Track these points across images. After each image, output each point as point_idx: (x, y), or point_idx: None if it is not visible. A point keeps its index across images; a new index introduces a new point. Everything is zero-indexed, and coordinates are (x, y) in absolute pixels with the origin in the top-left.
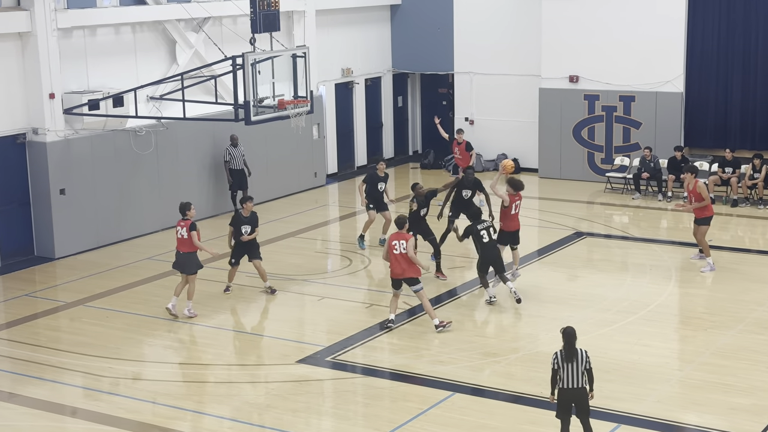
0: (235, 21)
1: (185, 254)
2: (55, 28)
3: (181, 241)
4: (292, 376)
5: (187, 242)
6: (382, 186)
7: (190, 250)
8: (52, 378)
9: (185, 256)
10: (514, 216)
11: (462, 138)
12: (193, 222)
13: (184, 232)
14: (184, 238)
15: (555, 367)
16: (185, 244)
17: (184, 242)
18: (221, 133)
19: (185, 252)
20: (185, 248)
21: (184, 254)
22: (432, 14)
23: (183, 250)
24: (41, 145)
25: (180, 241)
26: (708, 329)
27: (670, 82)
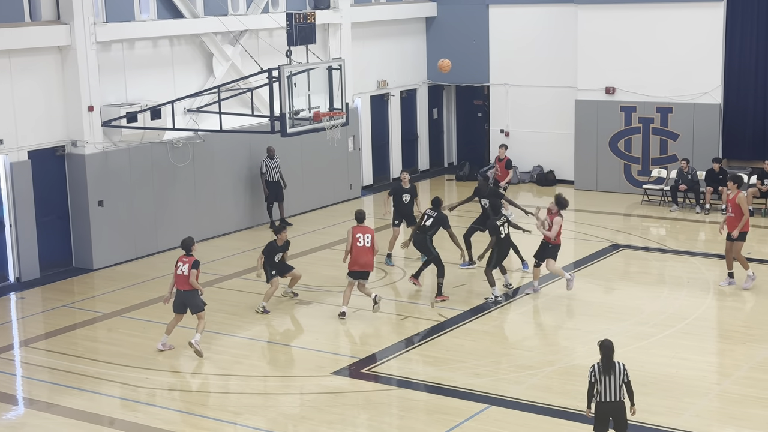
0: (272, 34)
1: (187, 293)
2: (94, 42)
3: (181, 279)
4: (328, 387)
5: (184, 280)
6: (407, 198)
7: (191, 288)
8: (90, 388)
9: (187, 294)
10: (559, 232)
11: (504, 154)
12: (196, 260)
13: (185, 269)
14: (184, 275)
15: (592, 380)
16: (186, 282)
17: (184, 280)
18: (257, 145)
19: (186, 290)
20: (186, 286)
21: (186, 293)
22: (467, 26)
23: (184, 288)
24: (80, 158)
25: (180, 278)
26: (746, 343)
27: (708, 94)
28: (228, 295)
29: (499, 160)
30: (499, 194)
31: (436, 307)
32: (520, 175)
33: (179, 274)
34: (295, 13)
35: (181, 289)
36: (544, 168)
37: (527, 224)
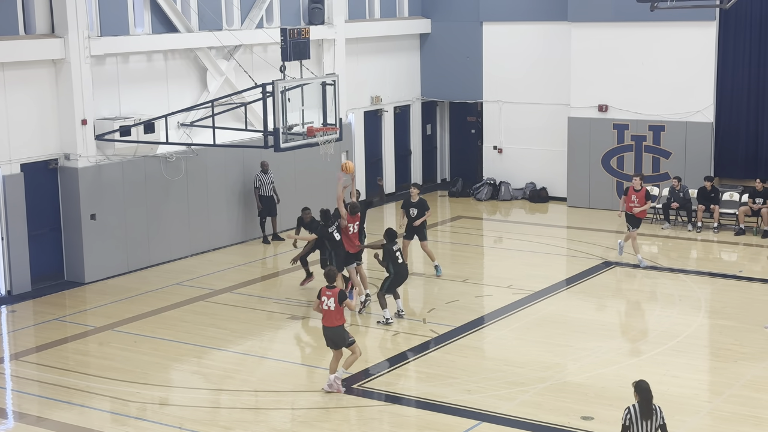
0: (266, 49)
1: (334, 329)
2: (88, 56)
3: (329, 315)
4: (319, 403)
5: (334, 315)
6: (414, 212)
7: (339, 324)
8: (80, 402)
9: (335, 331)
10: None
11: (640, 183)
12: (342, 290)
13: (331, 304)
14: (330, 311)
15: (626, 424)
16: (333, 318)
17: (331, 315)
18: (251, 159)
19: (333, 327)
20: (333, 322)
21: (333, 329)
22: (461, 43)
23: (331, 325)
24: (73, 171)
25: (327, 313)
26: (738, 361)
27: (700, 112)
28: (220, 309)
29: (635, 190)
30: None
31: (428, 323)
32: (513, 192)
33: (325, 309)
34: (289, 29)
35: (328, 325)
36: (536, 185)
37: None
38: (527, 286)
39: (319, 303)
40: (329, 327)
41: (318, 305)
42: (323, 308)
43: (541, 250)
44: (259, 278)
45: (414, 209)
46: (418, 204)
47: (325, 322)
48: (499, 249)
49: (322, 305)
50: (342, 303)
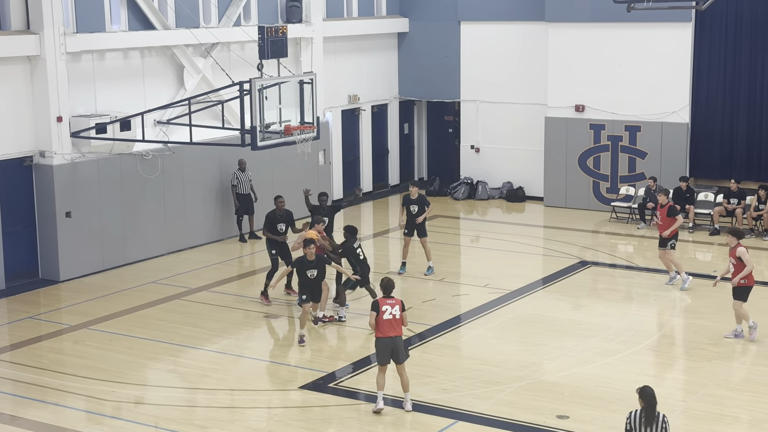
0: (243, 47)
1: (398, 338)
2: (64, 52)
3: (392, 324)
4: (295, 401)
5: (398, 324)
6: (414, 209)
7: (401, 334)
8: (55, 401)
9: (398, 341)
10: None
11: (665, 200)
12: (401, 301)
13: (396, 312)
14: (396, 319)
15: (628, 429)
16: (397, 327)
17: (395, 325)
18: (228, 157)
19: (397, 336)
20: (398, 331)
21: (397, 338)
22: (439, 42)
23: (395, 334)
24: (48, 168)
25: (389, 324)
26: (712, 360)
27: (676, 113)
28: (196, 308)
29: (661, 206)
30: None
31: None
32: (490, 191)
33: (386, 320)
34: (267, 27)
35: (391, 335)
36: (513, 184)
37: None
38: (504, 285)
39: (377, 315)
40: (395, 336)
41: (375, 318)
42: (384, 318)
43: (517, 250)
44: (236, 277)
45: (414, 206)
46: (418, 200)
47: (389, 332)
48: (476, 248)
49: (382, 315)
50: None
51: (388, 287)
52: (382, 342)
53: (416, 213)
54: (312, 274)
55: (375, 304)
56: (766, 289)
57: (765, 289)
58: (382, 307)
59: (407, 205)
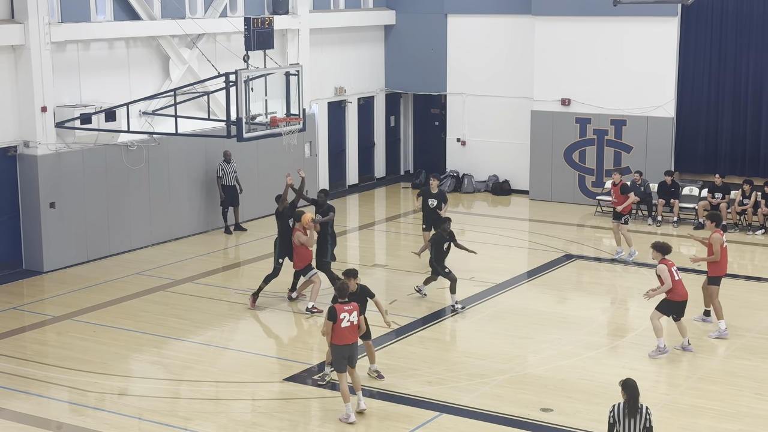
0: (229, 38)
1: (354, 345)
2: (48, 42)
3: (351, 331)
4: (279, 393)
5: (356, 330)
6: (433, 203)
7: (357, 340)
8: (38, 392)
9: (355, 347)
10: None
11: (619, 178)
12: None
13: (354, 318)
14: (353, 325)
15: (611, 422)
16: (354, 333)
17: (353, 331)
18: (213, 149)
19: (354, 342)
20: (355, 337)
21: (354, 345)
22: (425, 35)
23: (353, 341)
24: (32, 158)
25: (348, 331)
26: (696, 354)
27: (662, 107)
28: (181, 299)
29: (614, 184)
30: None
31: (390, 314)
32: (476, 184)
33: (346, 326)
34: (253, 18)
35: (351, 342)
36: (499, 177)
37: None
38: (489, 278)
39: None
40: (352, 344)
41: (329, 326)
42: (343, 326)
43: (502, 243)
44: (221, 268)
45: (434, 200)
46: (438, 195)
47: (347, 339)
48: (462, 241)
49: (341, 323)
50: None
51: (342, 291)
52: (340, 349)
53: (435, 207)
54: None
55: (332, 312)
56: (751, 284)
57: (750, 283)
58: (340, 315)
59: (426, 198)
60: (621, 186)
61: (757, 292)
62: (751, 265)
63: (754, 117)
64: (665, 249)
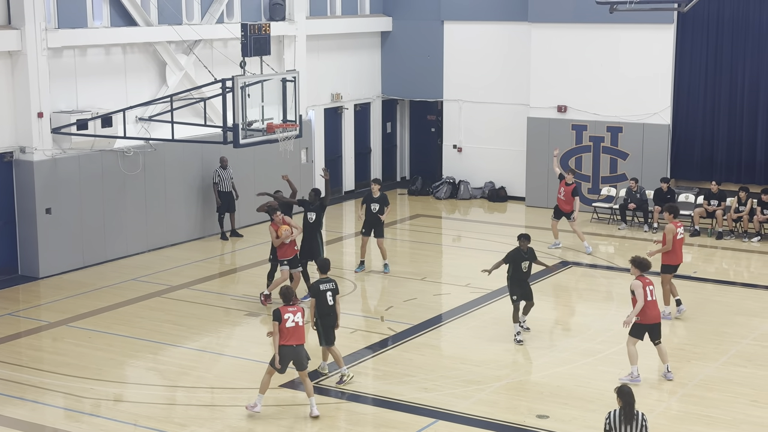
0: (226, 44)
1: (300, 347)
2: (45, 48)
3: (296, 332)
4: (276, 400)
5: (302, 331)
6: (376, 207)
7: (303, 342)
8: (33, 398)
9: (301, 349)
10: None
11: (572, 179)
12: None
13: (299, 319)
14: (299, 326)
15: (607, 429)
16: (300, 335)
17: (298, 332)
18: (210, 155)
19: (300, 344)
20: (301, 339)
21: (300, 347)
22: (422, 41)
23: (298, 342)
24: (28, 164)
25: (293, 331)
26: (691, 361)
27: (658, 114)
28: (177, 305)
29: (567, 184)
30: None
31: (386, 321)
32: (472, 190)
33: (291, 327)
34: (250, 24)
35: (295, 343)
36: (495, 184)
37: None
38: (485, 284)
39: (279, 324)
40: (297, 345)
41: (277, 327)
42: (287, 327)
43: (499, 249)
44: (217, 275)
45: (376, 204)
46: (380, 199)
47: (292, 340)
48: (458, 248)
49: (285, 323)
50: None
51: (287, 295)
52: (285, 350)
53: (377, 211)
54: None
55: (276, 313)
56: (747, 291)
57: (746, 290)
58: (284, 315)
59: (368, 203)
60: (573, 188)
61: (753, 300)
62: (747, 272)
63: (750, 124)
64: (644, 266)
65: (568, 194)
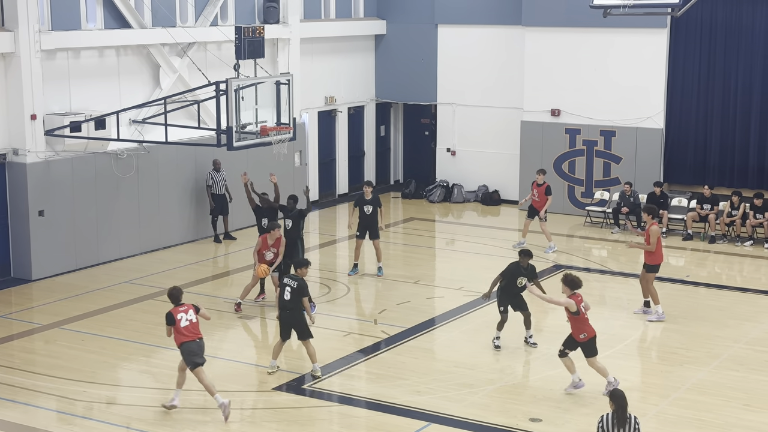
0: (220, 47)
1: (201, 341)
2: (38, 50)
3: (192, 328)
4: (268, 403)
5: (197, 327)
6: (368, 209)
7: (201, 335)
8: (26, 401)
9: (202, 343)
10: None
11: (543, 179)
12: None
13: (192, 317)
14: (193, 323)
15: None
16: (196, 330)
17: (195, 329)
18: (203, 157)
19: (200, 338)
20: (199, 333)
21: (201, 341)
22: (416, 45)
23: (198, 336)
24: (21, 166)
25: (189, 328)
26: (684, 365)
27: (651, 118)
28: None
29: (538, 185)
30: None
31: (379, 324)
32: (465, 194)
33: (186, 325)
34: (244, 27)
35: (197, 338)
36: (489, 188)
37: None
38: (478, 288)
39: (174, 326)
40: (199, 339)
41: (172, 330)
42: (182, 326)
43: (492, 253)
44: (210, 277)
45: (368, 206)
46: (372, 201)
47: (192, 335)
48: (451, 251)
49: (179, 323)
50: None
51: (174, 296)
52: (188, 345)
53: (370, 214)
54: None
55: (169, 316)
56: (739, 295)
57: (738, 294)
58: (177, 316)
59: (361, 206)
60: (546, 188)
61: (745, 303)
62: (739, 276)
63: (743, 128)
64: (575, 284)
65: (541, 194)
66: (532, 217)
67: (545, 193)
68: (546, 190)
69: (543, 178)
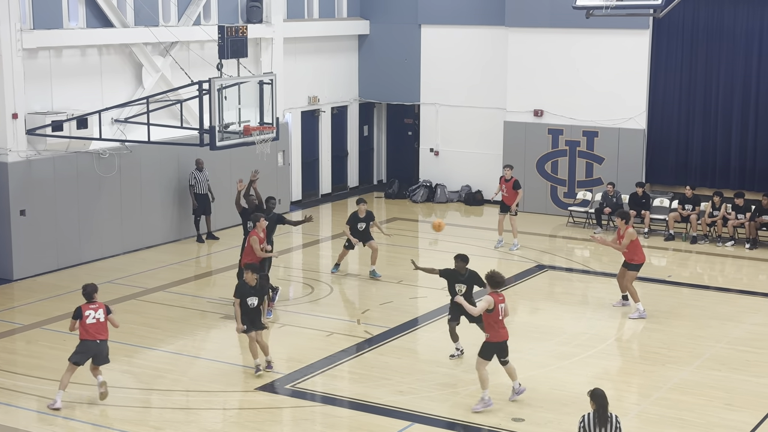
0: (203, 46)
1: (103, 343)
2: (20, 49)
3: (98, 327)
4: (251, 403)
5: (104, 327)
6: (362, 226)
7: (106, 338)
8: (7, 401)
9: (104, 345)
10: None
11: (510, 174)
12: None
13: (100, 315)
14: (100, 323)
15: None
16: (103, 330)
17: (101, 328)
18: (186, 157)
19: (103, 340)
20: (104, 335)
21: (103, 343)
22: (399, 45)
23: (101, 338)
24: (2, 166)
25: (95, 327)
26: (666, 364)
27: (633, 119)
28: (152, 308)
29: (506, 180)
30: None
31: (362, 324)
32: (448, 194)
33: (92, 323)
34: (227, 26)
35: (99, 339)
36: (472, 188)
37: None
38: None
39: (79, 320)
40: (100, 341)
41: (77, 324)
42: (88, 323)
43: (475, 253)
44: (193, 277)
45: (363, 224)
46: (366, 218)
47: (95, 335)
48: (434, 251)
49: (86, 320)
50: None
51: (89, 293)
52: (86, 344)
53: (363, 230)
54: (252, 303)
55: (77, 311)
56: (720, 295)
57: (720, 294)
58: (85, 312)
59: (355, 223)
60: (514, 182)
61: (726, 304)
62: (721, 276)
63: (725, 129)
64: (497, 282)
65: (509, 189)
66: (505, 212)
67: (513, 188)
68: (514, 185)
69: (511, 173)
